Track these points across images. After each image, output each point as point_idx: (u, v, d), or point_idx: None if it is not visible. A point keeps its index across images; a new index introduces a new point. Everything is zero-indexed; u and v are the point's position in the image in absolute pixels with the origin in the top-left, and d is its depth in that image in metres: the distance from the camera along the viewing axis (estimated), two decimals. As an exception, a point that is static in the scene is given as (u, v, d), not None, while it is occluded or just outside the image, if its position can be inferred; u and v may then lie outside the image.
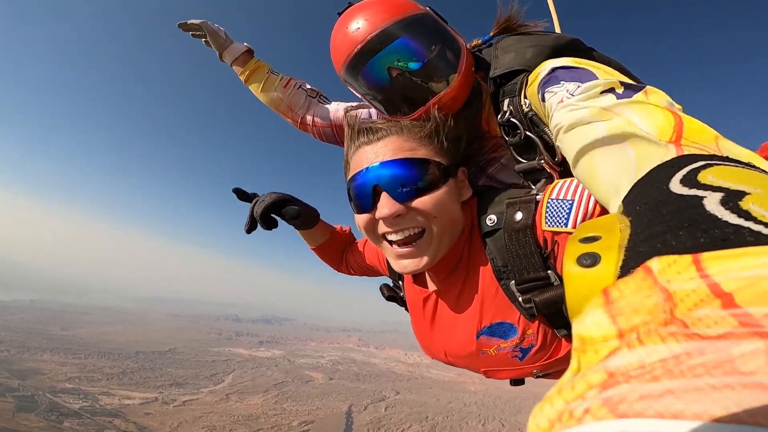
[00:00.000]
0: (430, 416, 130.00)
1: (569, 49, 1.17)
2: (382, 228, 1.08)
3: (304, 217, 1.54)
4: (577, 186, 0.97)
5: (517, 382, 1.32)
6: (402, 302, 1.46)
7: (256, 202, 1.46)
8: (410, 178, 1.03)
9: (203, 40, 1.81)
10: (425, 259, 1.06)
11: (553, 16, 2.20)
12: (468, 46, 1.32)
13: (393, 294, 1.47)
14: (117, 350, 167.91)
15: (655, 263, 0.31)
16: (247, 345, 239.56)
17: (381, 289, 1.51)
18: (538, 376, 1.22)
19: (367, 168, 1.07)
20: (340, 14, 1.24)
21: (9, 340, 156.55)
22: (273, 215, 1.47)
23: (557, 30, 2.24)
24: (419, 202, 1.03)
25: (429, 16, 1.21)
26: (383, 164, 1.05)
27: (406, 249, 1.06)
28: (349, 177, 1.14)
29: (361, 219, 1.11)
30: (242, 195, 1.57)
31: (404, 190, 1.03)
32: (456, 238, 1.11)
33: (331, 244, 1.76)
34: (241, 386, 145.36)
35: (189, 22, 1.77)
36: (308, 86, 1.78)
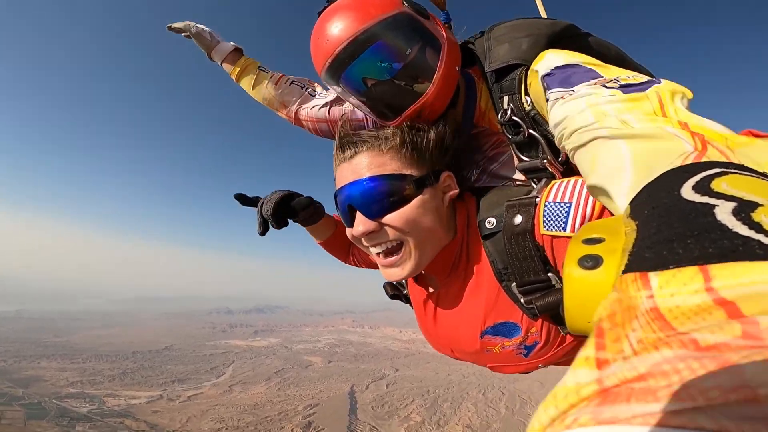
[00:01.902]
0: (431, 389, 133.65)
1: (565, 36, 1.14)
2: (364, 241, 1.11)
3: (313, 209, 1.51)
4: (574, 187, 0.96)
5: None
6: (406, 300, 1.47)
7: (263, 203, 1.43)
8: (378, 196, 1.04)
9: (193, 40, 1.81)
10: (407, 268, 1.08)
11: (538, 3, 2.15)
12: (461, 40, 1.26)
13: (396, 292, 1.48)
14: (114, 352, 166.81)
15: (654, 276, 0.31)
16: (243, 336, 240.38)
17: (384, 287, 1.51)
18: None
19: (342, 187, 1.10)
20: (319, 14, 1.19)
21: (3, 351, 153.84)
22: (283, 212, 1.44)
23: (542, 14, 2.14)
24: (389, 219, 1.05)
25: (403, 15, 1.12)
26: (352, 184, 1.07)
27: (388, 260, 1.09)
28: (335, 192, 1.16)
29: (348, 233, 1.15)
30: (245, 200, 1.53)
31: (374, 208, 1.05)
32: (443, 242, 1.12)
33: (336, 237, 1.72)
34: (242, 377, 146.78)
35: (174, 25, 1.76)
36: (300, 80, 1.74)
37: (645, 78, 0.81)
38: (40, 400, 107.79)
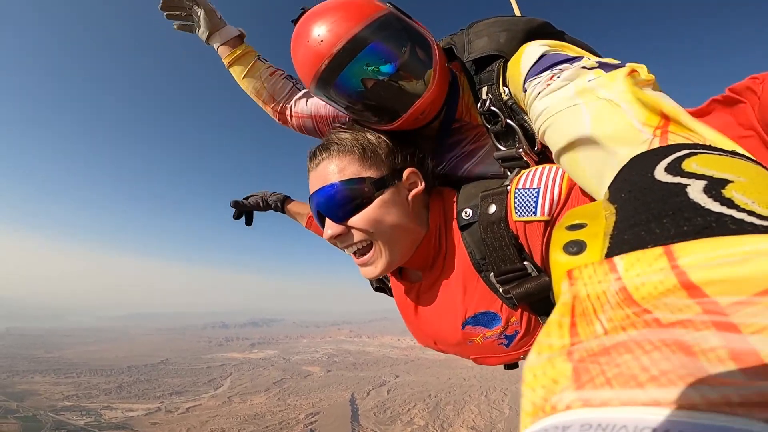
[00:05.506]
0: (432, 394, 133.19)
1: (541, 32, 1.17)
2: (338, 244, 1.16)
3: (252, 208, 1.76)
4: (542, 173, 0.99)
5: (511, 365, 1.34)
6: (391, 293, 1.48)
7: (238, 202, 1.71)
8: (341, 201, 1.08)
9: (177, 23, 1.64)
10: (380, 266, 1.11)
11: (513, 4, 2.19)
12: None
13: (381, 285, 1.50)
14: (108, 367, 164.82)
15: (620, 260, 0.30)
16: (239, 348, 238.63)
17: (370, 280, 1.50)
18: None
19: (312, 195, 1.15)
20: (295, 22, 1.15)
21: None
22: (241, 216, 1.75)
23: (516, 13, 2.18)
24: (354, 221, 1.08)
25: (392, 15, 1.11)
26: (316, 192, 1.12)
27: (361, 259, 1.13)
28: (308, 199, 1.21)
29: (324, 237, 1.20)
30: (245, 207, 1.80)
31: (339, 212, 1.09)
32: (416, 238, 1.15)
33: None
34: (241, 388, 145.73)
35: None
36: (294, 77, 1.69)
37: (617, 62, 0.84)
38: (36, 413, 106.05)
